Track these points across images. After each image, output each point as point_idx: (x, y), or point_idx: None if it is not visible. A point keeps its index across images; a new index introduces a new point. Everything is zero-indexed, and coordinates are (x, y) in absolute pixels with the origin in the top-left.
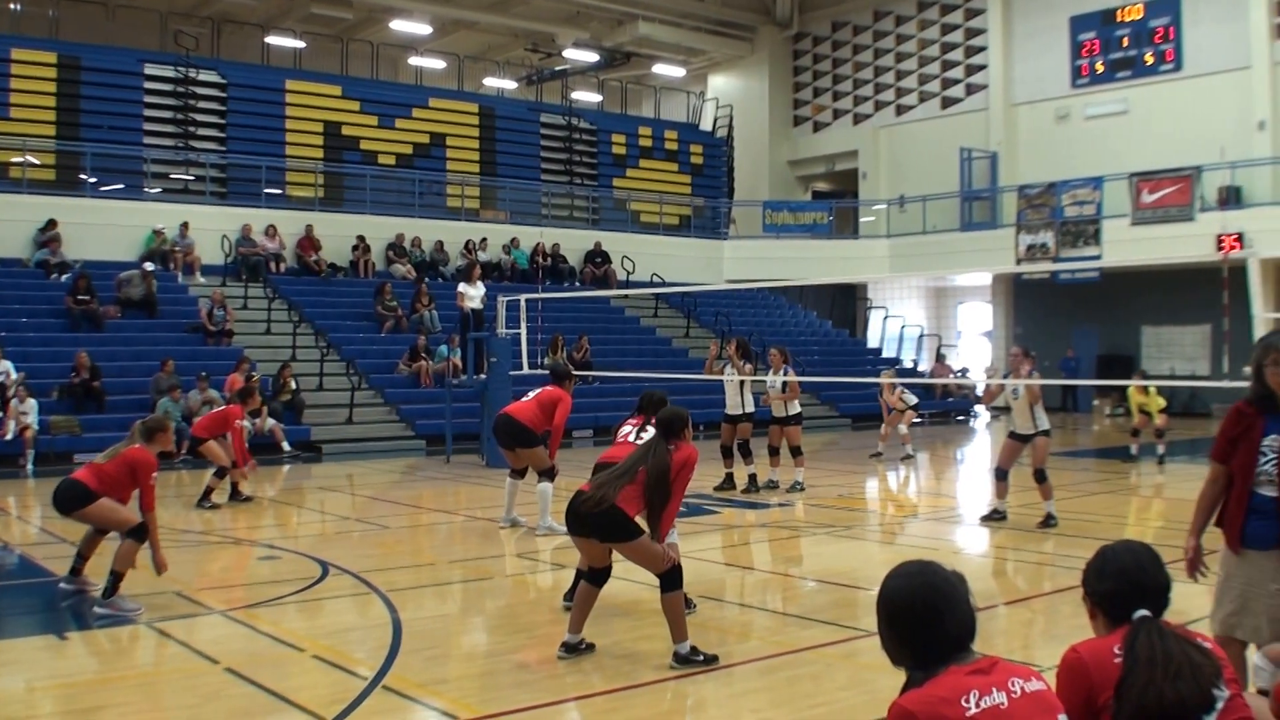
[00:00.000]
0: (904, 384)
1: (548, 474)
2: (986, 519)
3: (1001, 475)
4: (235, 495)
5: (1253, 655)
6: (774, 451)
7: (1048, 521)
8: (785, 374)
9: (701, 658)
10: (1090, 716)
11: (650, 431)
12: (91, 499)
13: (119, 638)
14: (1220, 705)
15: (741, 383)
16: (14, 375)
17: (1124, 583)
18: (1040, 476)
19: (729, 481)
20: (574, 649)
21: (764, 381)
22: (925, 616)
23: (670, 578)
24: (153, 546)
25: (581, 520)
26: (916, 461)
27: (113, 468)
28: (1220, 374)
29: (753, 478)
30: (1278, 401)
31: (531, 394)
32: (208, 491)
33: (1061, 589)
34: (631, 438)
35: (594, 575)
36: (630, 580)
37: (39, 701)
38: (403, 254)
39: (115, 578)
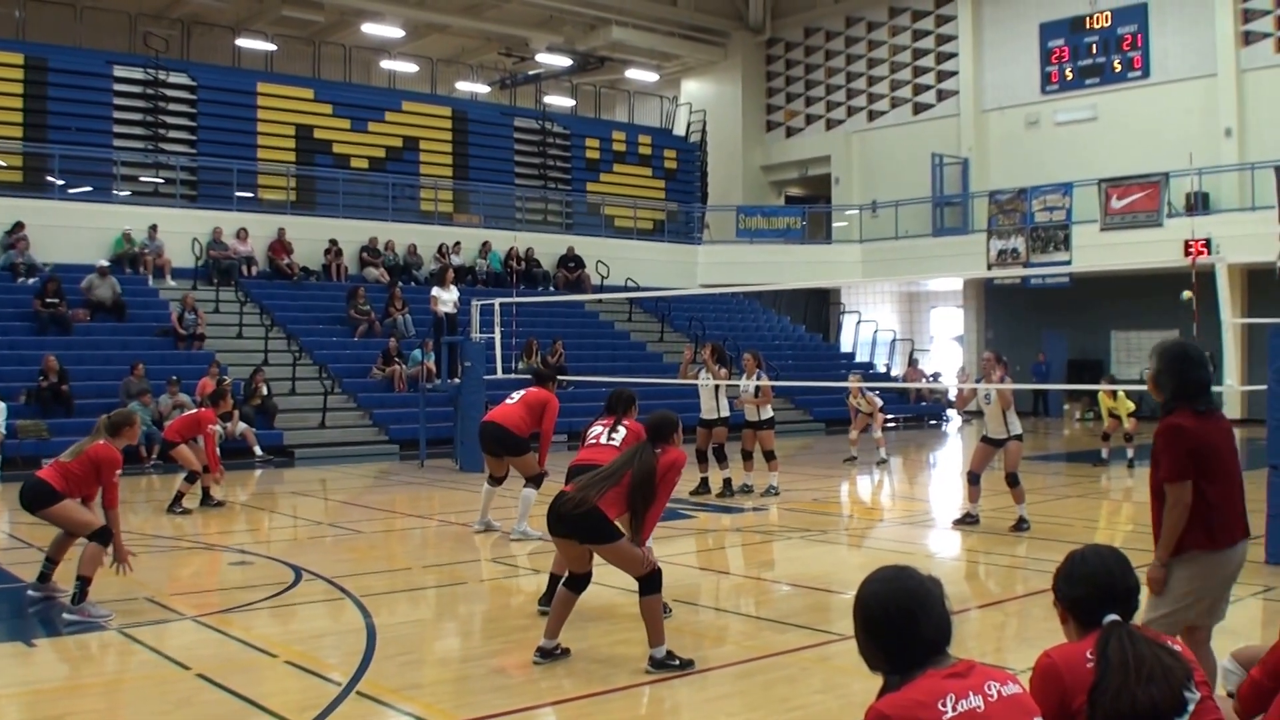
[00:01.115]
0: (870, 387)
1: (535, 480)
2: (959, 523)
3: (974, 479)
4: (206, 500)
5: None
6: (747, 456)
7: (1020, 525)
8: (759, 378)
9: (677, 662)
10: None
11: (621, 431)
12: (55, 499)
13: (88, 644)
14: (1191, 708)
15: (716, 387)
16: None
17: (1093, 588)
18: (1013, 481)
19: (704, 486)
20: (550, 654)
21: (737, 386)
22: (900, 621)
23: (649, 582)
24: (114, 541)
25: (562, 520)
26: (890, 466)
27: (77, 466)
28: None
29: (727, 482)
30: None
31: (516, 396)
32: (178, 496)
33: (1034, 592)
34: (603, 439)
35: (573, 581)
36: (606, 585)
37: (5, 709)
38: (376, 257)
39: (83, 583)
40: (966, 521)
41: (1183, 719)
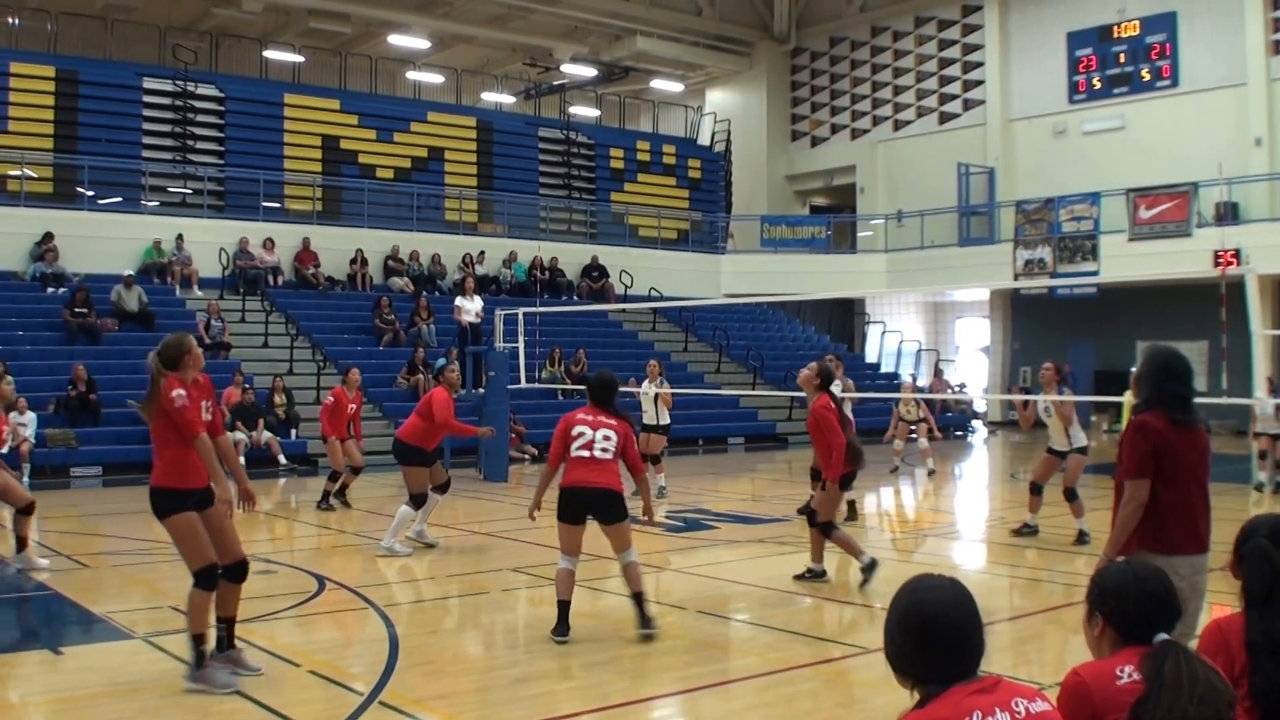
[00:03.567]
0: (895, 398)
1: (416, 500)
2: (1018, 533)
3: (1036, 490)
4: (340, 494)
5: None
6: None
7: (1081, 538)
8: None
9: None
10: None
11: (612, 439)
12: (171, 507)
13: (114, 653)
14: None
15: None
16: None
17: (1148, 605)
18: (1071, 495)
19: (852, 511)
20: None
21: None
22: (960, 633)
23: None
24: (236, 477)
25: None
26: (917, 476)
27: (159, 426)
28: (1219, 391)
29: (851, 505)
30: None
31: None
32: (326, 494)
33: (1059, 605)
34: (595, 452)
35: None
36: (628, 596)
37: (33, 717)
38: (401, 266)
39: (196, 643)
40: (1024, 532)
41: None
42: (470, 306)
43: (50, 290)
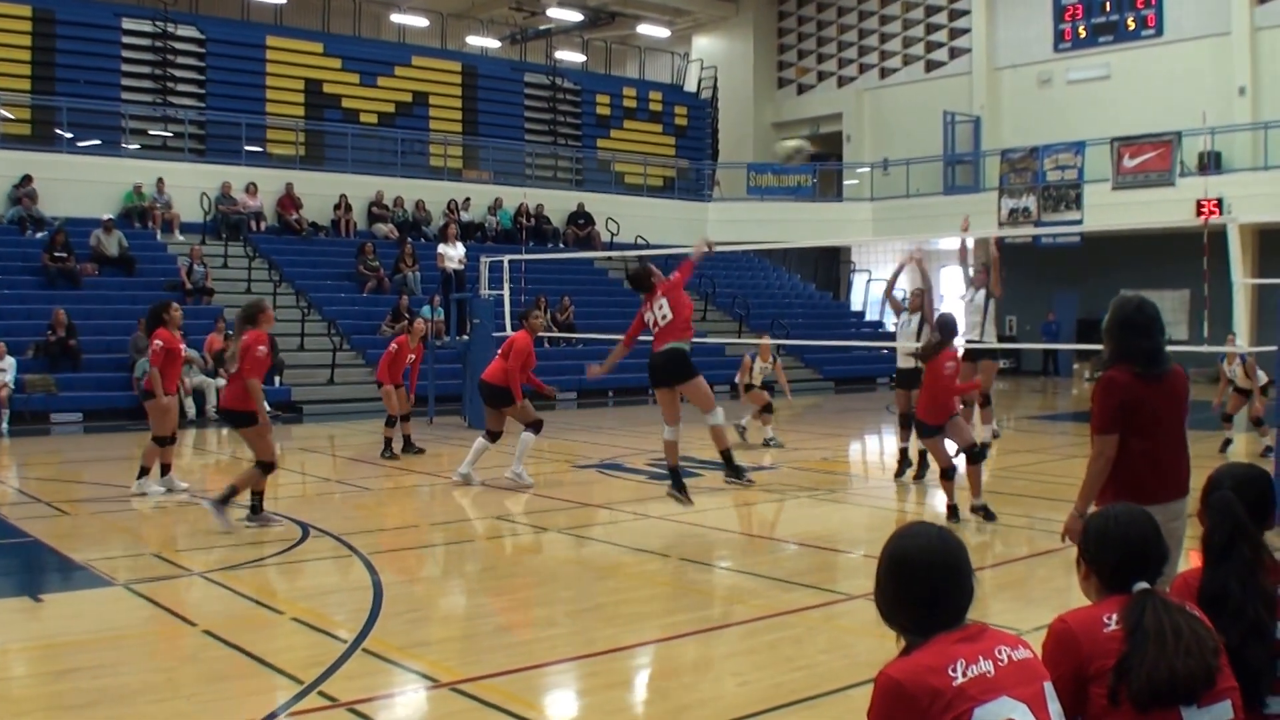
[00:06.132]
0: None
1: (533, 426)
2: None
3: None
4: (408, 447)
5: None
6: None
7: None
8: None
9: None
10: (1079, 685)
11: (664, 303)
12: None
13: (95, 599)
14: (1217, 679)
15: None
16: None
17: (1126, 554)
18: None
19: (923, 462)
20: None
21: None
22: (942, 583)
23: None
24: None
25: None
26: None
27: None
28: (1200, 339)
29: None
30: None
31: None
32: (388, 443)
33: (1039, 553)
34: (659, 317)
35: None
36: (612, 544)
37: (12, 664)
38: (385, 212)
39: (232, 490)
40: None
41: (1211, 690)
42: (452, 253)
43: (29, 233)
